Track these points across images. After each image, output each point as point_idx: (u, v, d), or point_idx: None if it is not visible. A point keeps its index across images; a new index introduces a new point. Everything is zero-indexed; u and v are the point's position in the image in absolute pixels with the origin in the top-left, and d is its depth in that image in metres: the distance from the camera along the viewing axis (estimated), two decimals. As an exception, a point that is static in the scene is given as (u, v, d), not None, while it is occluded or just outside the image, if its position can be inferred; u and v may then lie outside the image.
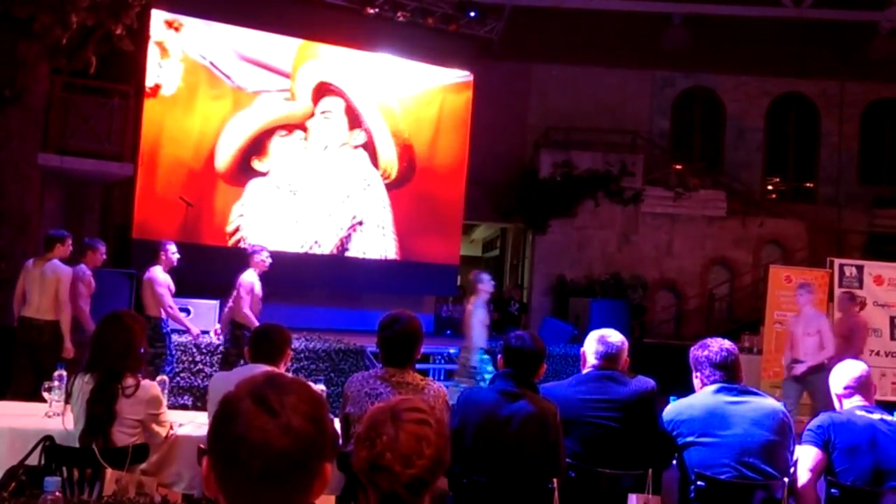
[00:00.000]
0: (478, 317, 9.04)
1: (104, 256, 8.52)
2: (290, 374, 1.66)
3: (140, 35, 11.81)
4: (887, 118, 18.41)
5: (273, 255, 8.83)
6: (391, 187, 14.26)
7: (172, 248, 8.54)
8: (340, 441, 4.05)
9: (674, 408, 4.13)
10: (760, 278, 13.82)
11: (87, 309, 8.03)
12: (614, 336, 4.29)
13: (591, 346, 4.28)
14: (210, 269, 11.15)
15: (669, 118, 18.40)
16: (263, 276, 8.57)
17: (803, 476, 3.97)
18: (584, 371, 4.31)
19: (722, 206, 16.86)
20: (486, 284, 9.22)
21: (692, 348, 4.22)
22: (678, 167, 18.03)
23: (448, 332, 14.12)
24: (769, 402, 4.10)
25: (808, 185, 18.88)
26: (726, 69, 17.83)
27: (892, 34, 15.26)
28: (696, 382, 4.17)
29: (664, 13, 15.74)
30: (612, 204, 16.56)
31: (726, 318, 16.52)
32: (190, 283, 10.43)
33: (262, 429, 1.43)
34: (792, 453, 4.04)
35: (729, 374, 4.08)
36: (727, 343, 4.22)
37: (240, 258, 9.10)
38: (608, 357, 4.22)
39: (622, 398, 4.11)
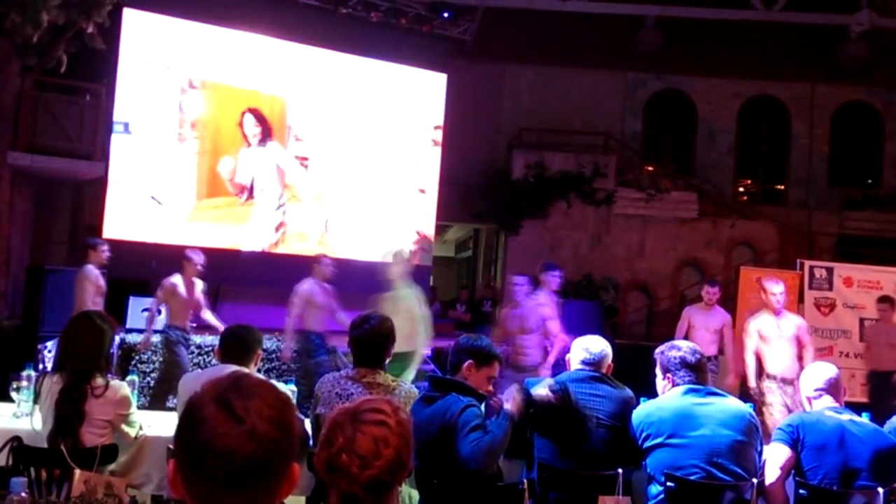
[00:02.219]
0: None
1: (107, 254, 8.60)
2: (257, 376, 1.65)
3: (112, 33, 11.73)
4: (857, 121, 18.59)
5: (244, 254, 8.83)
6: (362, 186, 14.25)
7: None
8: (311, 442, 4.05)
9: (643, 409, 4.16)
10: (731, 280, 13.91)
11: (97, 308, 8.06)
12: (597, 343, 4.40)
13: (575, 354, 4.40)
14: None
15: (641, 120, 18.49)
16: (240, 278, 8.58)
17: (772, 474, 4.01)
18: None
19: (693, 208, 16.96)
20: (550, 276, 8.63)
21: (660, 350, 4.26)
22: (650, 169, 18.13)
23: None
24: (736, 403, 4.17)
25: (778, 187, 19.04)
26: (698, 71, 17.95)
27: (862, 37, 15.45)
28: (664, 384, 4.21)
29: (637, 15, 15.85)
30: (585, 205, 16.61)
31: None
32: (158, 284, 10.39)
33: (226, 435, 1.43)
34: (760, 454, 4.08)
35: (700, 376, 4.14)
36: (693, 344, 4.30)
37: (228, 259, 9.03)
38: (592, 364, 4.32)
39: (611, 396, 4.18)
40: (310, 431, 4.24)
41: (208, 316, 8.65)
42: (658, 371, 4.26)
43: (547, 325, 8.18)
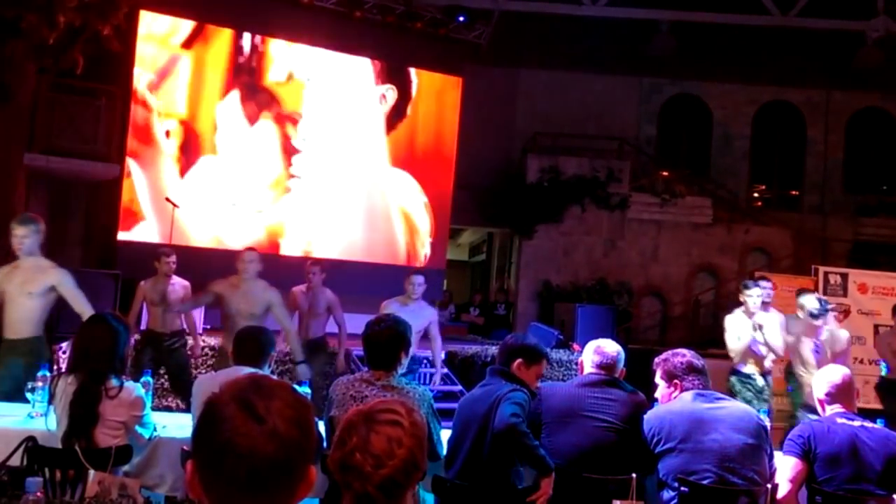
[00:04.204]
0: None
1: (172, 265, 8.17)
2: (274, 377, 1.66)
3: (128, 36, 11.78)
4: (872, 127, 18.53)
5: (260, 257, 8.70)
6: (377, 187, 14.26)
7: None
8: (325, 444, 4.05)
9: (655, 414, 4.16)
10: (745, 285, 13.86)
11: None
12: (610, 346, 4.41)
13: (588, 356, 4.41)
14: (200, 270, 11.09)
15: (656, 125, 18.47)
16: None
17: (784, 486, 3.99)
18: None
19: (708, 213, 16.92)
20: (751, 293, 7.56)
21: (662, 358, 4.27)
22: (664, 174, 18.09)
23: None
24: (744, 407, 4.18)
25: (793, 192, 18.98)
26: (713, 77, 17.92)
27: (878, 44, 15.37)
28: (669, 390, 4.21)
29: (651, 20, 15.81)
30: (599, 210, 16.60)
31: (711, 325, 16.53)
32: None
33: (247, 435, 1.42)
34: (770, 457, 4.07)
35: (706, 381, 4.15)
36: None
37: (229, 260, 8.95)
38: (604, 366, 4.32)
39: (622, 400, 4.18)
40: (323, 434, 4.24)
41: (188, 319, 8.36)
42: (659, 379, 4.26)
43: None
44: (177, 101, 12.75)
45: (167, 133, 12.57)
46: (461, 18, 14.48)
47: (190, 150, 12.77)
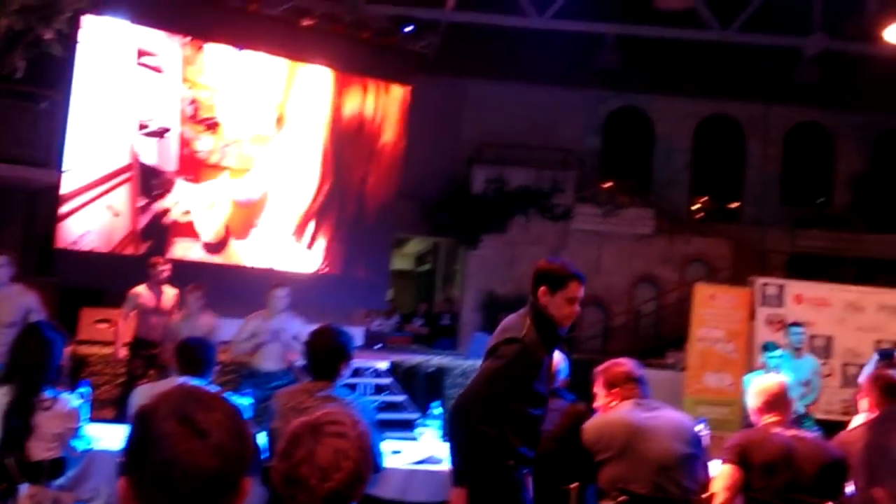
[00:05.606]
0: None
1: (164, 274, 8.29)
2: (209, 388, 1.64)
3: (71, 40, 11.59)
4: (809, 141, 18.94)
5: (199, 266, 8.67)
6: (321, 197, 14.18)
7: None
8: (266, 455, 4.02)
9: (594, 423, 4.20)
10: (686, 296, 14.07)
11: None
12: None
13: None
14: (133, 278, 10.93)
15: (600, 137, 18.68)
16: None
17: (720, 495, 4.04)
18: None
19: (650, 225, 17.15)
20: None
21: (603, 367, 4.31)
22: (608, 185, 18.29)
23: (377, 346, 14.05)
24: (681, 416, 4.24)
25: (733, 205, 19.32)
26: (656, 90, 18.18)
27: (815, 60, 15.77)
28: (608, 400, 4.25)
29: (597, 33, 16.03)
30: (543, 220, 16.72)
31: (652, 335, 16.77)
32: (116, 294, 10.25)
33: (191, 450, 1.40)
34: (706, 467, 4.14)
35: (646, 390, 4.20)
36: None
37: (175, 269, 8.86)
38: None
39: (564, 410, 4.22)
40: (265, 445, 4.21)
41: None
42: (599, 388, 4.29)
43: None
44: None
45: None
46: (409, 28, 14.50)
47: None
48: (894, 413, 1.19)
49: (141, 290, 8.25)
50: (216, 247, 13.08)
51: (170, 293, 8.31)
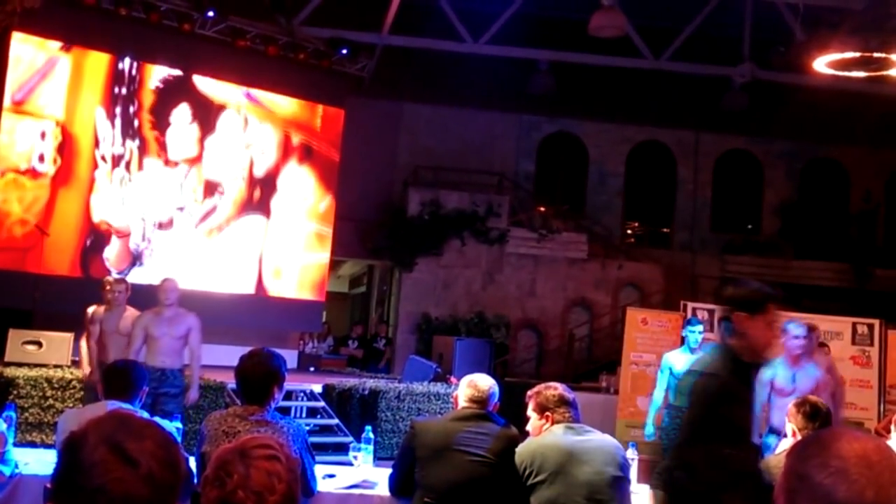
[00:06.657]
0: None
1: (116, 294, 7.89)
2: (140, 414, 1.62)
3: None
4: (738, 168, 19.35)
5: (134, 288, 8.39)
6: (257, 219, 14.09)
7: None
8: (196, 480, 3.96)
9: (526, 447, 4.22)
10: (618, 320, 14.25)
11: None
12: (483, 381, 4.46)
13: (462, 391, 4.45)
14: (63, 300, 10.70)
15: (535, 161, 18.85)
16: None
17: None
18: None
19: (583, 249, 17.32)
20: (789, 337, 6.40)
21: (535, 391, 4.34)
22: (542, 209, 18.46)
23: (311, 368, 13.94)
24: (610, 440, 4.30)
25: (664, 230, 19.64)
26: (590, 115, 18.42)
27: (744, 88, 16.20)
28: (540, 423, 4.26)
29: (531, 59, 16.24)
30: (478, 243, 16.79)
31: (585, 359, 16.93)
32: (42, 314, 10.03)
33: (122, 480, 1.38)
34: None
35: (577, 414, 4.25)
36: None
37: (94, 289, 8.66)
38: (478, 401, 4.37)
39: (495, 434, 4.24)
40: (195, 470, 4.14)
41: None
42: (531, 412, 4.32)
43: None
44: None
45: (41, 157, 12.15)
46: (344, 51, 14.52)
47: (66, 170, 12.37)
48: (814, 439, 1.21)
49: (95, 309, 7.89)
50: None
51: (129, 316, 7.78)
